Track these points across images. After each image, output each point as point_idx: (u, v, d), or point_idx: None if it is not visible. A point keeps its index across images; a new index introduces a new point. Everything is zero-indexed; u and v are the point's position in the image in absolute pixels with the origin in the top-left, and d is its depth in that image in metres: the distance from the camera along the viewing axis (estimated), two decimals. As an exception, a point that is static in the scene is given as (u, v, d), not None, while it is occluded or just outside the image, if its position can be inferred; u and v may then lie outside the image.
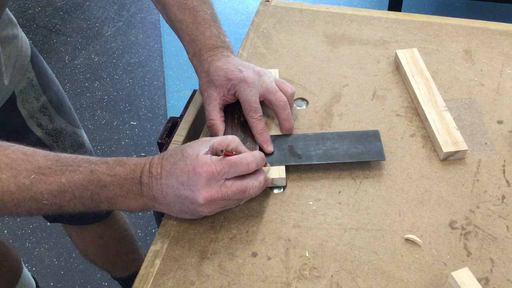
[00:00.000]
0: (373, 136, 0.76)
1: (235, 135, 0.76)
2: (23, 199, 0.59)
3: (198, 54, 0.78)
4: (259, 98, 0.76)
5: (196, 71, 0.80)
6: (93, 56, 2.46)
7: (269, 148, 0.75)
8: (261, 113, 0.75)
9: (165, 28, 2.56)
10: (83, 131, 1.09)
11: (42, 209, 0.61)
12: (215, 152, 0.65)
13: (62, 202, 0.61)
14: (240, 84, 0.74)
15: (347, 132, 0.77)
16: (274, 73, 0.87)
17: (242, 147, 0.68)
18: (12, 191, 0.59)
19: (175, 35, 0.82)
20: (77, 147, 1.05)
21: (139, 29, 2.60)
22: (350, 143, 0.75)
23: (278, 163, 0.73)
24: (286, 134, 0.78)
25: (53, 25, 2.63)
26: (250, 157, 0.65)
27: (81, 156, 0.64)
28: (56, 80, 1.01)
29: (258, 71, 0.76)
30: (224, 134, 0.76)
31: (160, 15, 2.63)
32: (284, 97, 0.76)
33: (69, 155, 0.63)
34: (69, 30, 2.60)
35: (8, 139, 0.91)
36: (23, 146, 0.62)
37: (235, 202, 0.66)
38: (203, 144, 0.65)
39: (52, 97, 0.96)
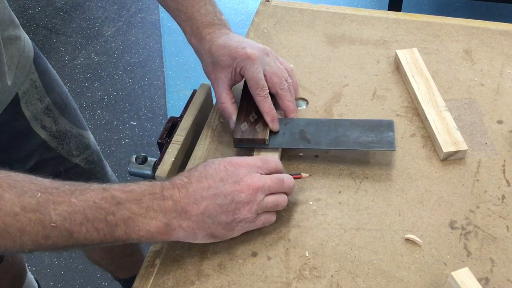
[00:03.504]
0: (387, 126, 0.75)
1: (248, 116, 0.76)
2: (29, 222, 0.52)
3: (196, 32, 0.78)
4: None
5: (196, 51, 0.79)
6: (93, 56, 2.46)
7: (276, 126, 0.74)
8: (268, 91, 0.75)
9: (165, 28, 2.56)
10: (89, 132, 1.08)
11: (49, 236, 0.53)
12: None
13: (72, 226, 0.54)
14: (245, 61, 0.73)
15: (361, 120, 0.77)
16: None
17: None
18: (16, 211, 0.51)
19: (175, 35, 0.82)
20: (83, 149, 1.04)
21: (139, 29, 2.60)
22: (362, 131, 0.75)
23: (286, 145, 0.74)
24: (298, 118, 0.78)
25: (53, 25, 2.63)
26: (273, 156, 0.66)
27: (89, 182, 0.58)
28: (60, 82, 1.00)
29: (264, 48, 0.76)
30: (238, 116, 0.76)
31: (160, 14, 2.63)
32: (290, 80, 0.77)
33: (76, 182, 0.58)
34: (69, 30, 2.60)
35: (12, 141, 0.91)
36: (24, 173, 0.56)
37: (271, 201, 0.63)
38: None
39: (56, 98, 0.95)
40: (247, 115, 0.76)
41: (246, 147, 0.75)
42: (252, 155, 0.75)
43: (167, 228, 0.58)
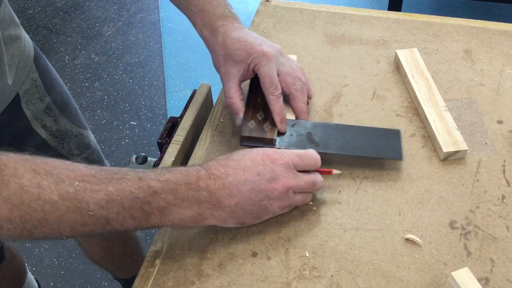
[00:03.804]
0: (394, 135, 0.76)
1: (256, 114, 0.75)
2: (67, 210, 0.52)
3: (208, 23, 0.76)
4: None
5: (207, 42, 0.78)
6: (93, 56, 2.46)
7: (284, 127, 0.74)
8: (281, 91, 0.74)
9: (165, 28, 2.56)
10: (89, 132, 1.08)
11: (87, 224, 0.54)
12: None
13: (109, 214, 0.54)
14: (261, 58, 0.72)
15: (367, 127, 0.77)
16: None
17: None
18: (55, 199, 0.51)
19: (175, 35, 0.82)
20: (84, 148, 1.04)
21: (139, 29, 2.60)
22: (370, 139, 0.75)
23: (294, 147, 0.74)
24: (305, 120, 0.78)
25: (53, 25, 2.63)
26: (315, 153, 0.65)
27: (124, 168, 0.59)
28: (61, 81, 1.00)
29: (278, 48, 0.76)
30: (245, 113, 0.75)
31: (160, 14, 2.63)
32: (303, 80, 0.76)
33: (112, 167, 0.58)
34: (69, 30, 2.60)
35: (13, 141, 0.91)
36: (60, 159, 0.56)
37: (299, 200, 0.66)
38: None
39: (56, 98, 0.95)
40: (254, 113, 0.76)
41: (252, 145, 0.74)
42: None
43: (200, 216, 0.59)
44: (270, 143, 0.74)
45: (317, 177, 0.66)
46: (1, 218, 0.50)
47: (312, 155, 0.66)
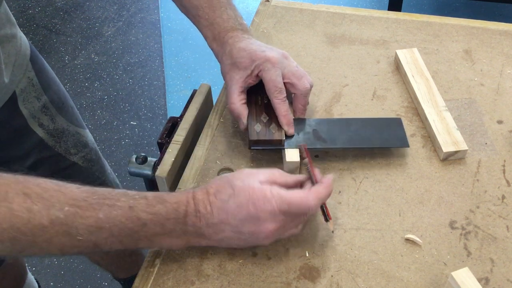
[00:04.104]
0: (396, 124, 0.77)
1: (259, 117, 0.75)
2: (56, 234, 0.54)
3: (218, 37, 0.78)
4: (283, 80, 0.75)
5: (217, 55, 0.80)
6: (93, 56, 2.46)
7: (291, 130, 0.75)
8: (285, 94, 0.74)
9: (165, 28, 2.56)
10: (87, 131, 1.08)
11: (75, 246, 0.56)
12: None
13: (98, 239, 0.56)
14: (264, 64, 0.73)
15: (370, 119, 0.78)
16: None
17: (288, 178, 0.64)
18: (45, 224, 0.53)
19: (175, 35, 0.82)
20: (81, 147, 1.04)
21: (139, 29, 2.60)
22: (374, 130, 0.76)
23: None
24: (309, 118, 0.78)
25: (53, 25, 2.63)
26: (313, 199, 0.60)
27: (117, 190, 0.60)
28: (58, 80, 1.00)
29: (283, 53, 0.77)
30: (248, 116, 0.75)
31: (160, 14, 2.64)
32: (308, 84, 0.76)
33: (104, 188, 0.59)
34: (69, 30, 2.60)
35: (10, 140, 0.91)
36: (53, 180, 0.57)
37: (293, 225, 0.63)
38: (250, 176, 0.62)
39: (53, 96, 0.96)
40: (258, 116, 0.76)
41: (261, 148, 0.74)
42: (266, 157, 0.75)
43: (187, 244, 0.61)
44: (279, 144, 0.74)
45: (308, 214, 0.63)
46: None
47: (303, 204, 0.60)
